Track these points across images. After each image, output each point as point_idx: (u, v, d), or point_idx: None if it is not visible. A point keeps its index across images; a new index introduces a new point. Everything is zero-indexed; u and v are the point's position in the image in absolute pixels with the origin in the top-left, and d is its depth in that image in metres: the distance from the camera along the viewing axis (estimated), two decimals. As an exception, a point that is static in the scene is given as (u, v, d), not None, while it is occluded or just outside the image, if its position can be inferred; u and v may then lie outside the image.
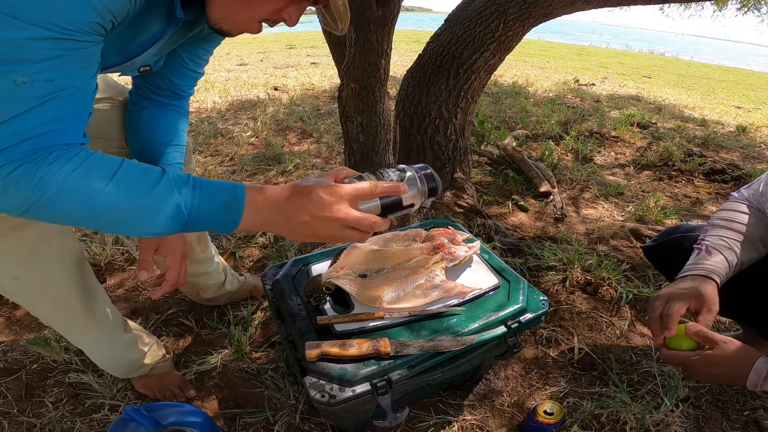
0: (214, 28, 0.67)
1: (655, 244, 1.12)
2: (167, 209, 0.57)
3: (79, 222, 0.55)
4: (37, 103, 0.50)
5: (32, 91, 0.49)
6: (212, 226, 0.61)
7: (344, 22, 0.72)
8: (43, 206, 0.52)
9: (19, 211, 0.52)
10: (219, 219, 0.60)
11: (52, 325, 0.92)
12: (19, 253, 0.76)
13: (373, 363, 0.78)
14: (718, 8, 4.98)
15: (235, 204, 0.60)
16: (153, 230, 0.57)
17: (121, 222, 0.56)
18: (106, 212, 0.54)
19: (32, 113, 0.50)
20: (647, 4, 1.55)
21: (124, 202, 0.55)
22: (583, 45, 14.45)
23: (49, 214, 0.53)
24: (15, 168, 0.50)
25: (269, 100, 3.75)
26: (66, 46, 0.49)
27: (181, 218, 0.58)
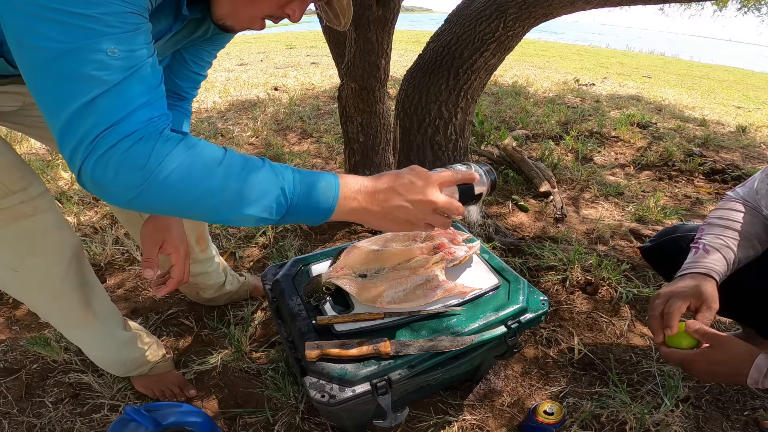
0: (218, 23, 0.67)
1: (652, 244, 1.12)
2: (273, 191, 0.57)
3: (189, 207, 0.54)
4: (130, 72, 0.50)
5: (123, 62, 0.49)
6: (310, 213, 0.61)
7: (347, 17, 0.72)
8: (158, 187, 0.51)
9: (132, 194, 0.51)
10: (316, 205, 0.60)
11: (50, 320, 0.92)
12: (17, 245, 0.76)
13: (373, 363, 0.78)
14: (718, 8, 4.98)
15: (331, 189, 0.61)
16: (258, 214, 0.57)
17: (231, 205, 0.55)
18: (219, 193, 0.54)
19: (130, 82, 0.50)
20: (647, 4, 1.55)
21: (237, 182, 0.55)
22: (583, 45, 14.45)
23: (163, 196, 0.52)
24: (135, 142, 0.49)
25: (269, 100, 3.75)
26: (135, 20, 0.51)
27: (285, 203, 0.58)
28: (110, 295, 1.24)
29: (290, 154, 2.54)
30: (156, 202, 0.52)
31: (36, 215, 0.76)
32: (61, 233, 0.82)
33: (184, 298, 1.39)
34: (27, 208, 0.75)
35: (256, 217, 0.57)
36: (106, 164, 0.49)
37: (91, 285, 0.91)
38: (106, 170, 0.49)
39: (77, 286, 0.86)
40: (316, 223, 0.63)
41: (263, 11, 0.65)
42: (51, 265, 0.81)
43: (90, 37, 0.47)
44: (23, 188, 0.74)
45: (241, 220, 0.57)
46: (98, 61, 0.48)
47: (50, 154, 2.46)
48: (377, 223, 0.67)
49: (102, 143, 0.49)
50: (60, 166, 2.25)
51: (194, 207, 0.54)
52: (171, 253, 0.84)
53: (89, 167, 0.50)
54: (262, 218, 0.58)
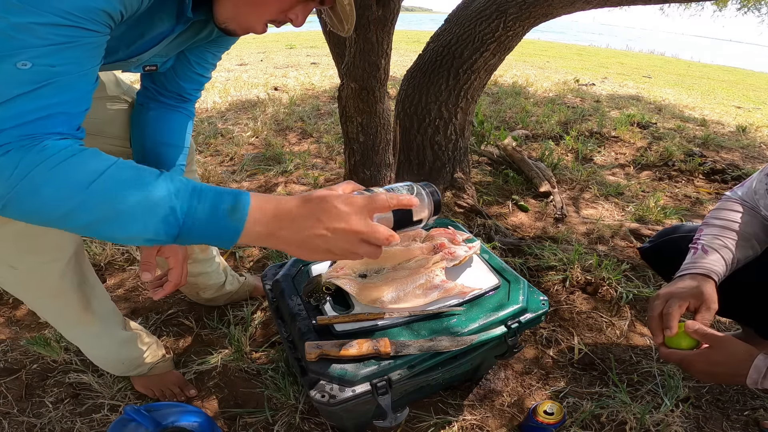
0: (221, 27, 0.67)
1: (651, 245, 1.12)
2: (160, 212, 0.51)
3: (60, 220, 0.51)
4: (34, 87, 0.49)
5: (31, 75, 0.48)
6: (210, 237, 0.55)
7: (350, 22, 0.72)
8: (23, 198, 0.49)
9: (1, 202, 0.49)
10: (218, 228, 0.54)
11: (48, 318, 0.91)
12: (18, 243, 0.76)
13: (373, 363, 0.78)
14: (718, 8, 4.98)
15: (238, 211, 0.54)
16: (142, 234, 0.52)
17: (108, 222, 0.51)
18: (93, 209, 0.50)
19: (28, 97, 0.49)
20: (647, 4, 1.55)
21: (114, 198, 0.50)
22: (583, 45, 14.45)
23: (28, 208, 0.50)
24: (2, 154, 0.48)
25: (269, 100, 3.75)
26: (72, 33, 0.49)
27: (175, 224, 0.52)
28: (110, 295, 1.24)
29: (290, 154, 2.54)
30: (24, 213, 0.50)
31: None
32: (63, 232, 0.82)
33: (184, 298, 1.39)
34: None
35: (142, 238, 0.53)
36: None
37: (91, 284, 0.91)
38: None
39: (76, 284, 0.86)
40: (223, 246, 0.57)
41: (266, 16, 0.65)
42: (50, 263, 0.81)
43: (8, 48, 0.46)
44: None
45: (126, 239, 0.53)
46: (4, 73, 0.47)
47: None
48: (293, 251, 0.59)
49: None
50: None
51: (65, 222, 0.51)
52: (169, 256, 0.84)
53: None
54: (148, 239, 0.53)
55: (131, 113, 0.90)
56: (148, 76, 0.88)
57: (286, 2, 0.64)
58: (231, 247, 0.57)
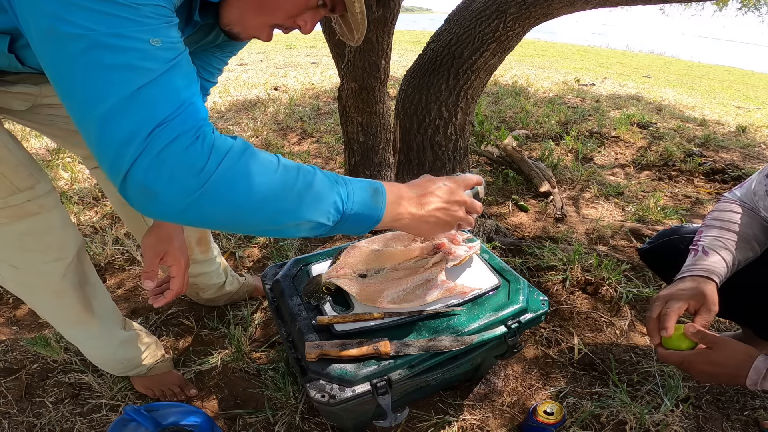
0: (225, 30, 0.67)
1: (650, 246, 1.12)
2: (331, 196, 0.56)
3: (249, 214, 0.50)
4: (173, 64, 0.47)
5: (165, 53, 0.47)
6: (362, 219, 0.60)
7: (360, 32, 0.70)
8: (218, 192, 0.46)
9: (187, 201, 0.46)
10: (369, 211, 0.60)
11: (47, 317, 0.91)
12: (21, 243, 0.76)
13: (373, 363, 0.78)
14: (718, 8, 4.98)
15: (379, 195, 0.61)
16: (317, 219, 0.55)
17: (292, 210, 0.52)
18: (281, 197, 0.51)
19: (175, 73, 0.47)
20: (647, 4, 1.55)
21: (298, 185, 0.53)
22: (583, 45, 14.45)
23: (221, 203, 0.47)
24: (193, 141, 0.45)
25: (269, 100, 3.75)
26: (167, 14, 0.49)
27: (341, 209, 0.57)
28: (110, 295, 1.24)
29: (290, 154, 2.54)
30: (213, 209, 0.48)
31: (41, 213, 0.76)
32: (66, 232, 0.82)
33: (184, 298, 1.39)
34: (33, 206, 0.75)
35: (314, 223, 0.55)
36: (162, 165, 0.44)
37: (92, 283, 0.91)
38: (161, 172, 0.44)
39: (77, 284, 0.86)
40: (363, 231, 0.62)
41: (272, 20, 0.64)
42: (52, 263, 0.81)
43: (129, 26, 0.44)
44: (30, 186, 0.74)
45: (296, 227, 0.54)
46: (140, 49, 0.44)
47: (50, 153, 2.46)
48: (419, 227, 0.68)
49: (157, 140, 0.44)
50: (60, 166, 2.25)
51: (254, 214, 0.50)
52: (172, 264, 0.84)
53: (141, 169, 0.44)
54: (318, 224, 0.55)
55: None
56: None
57: (294, 8, 0.62)
58: (370, 230, 0.63)
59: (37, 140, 2.62)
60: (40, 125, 0.87)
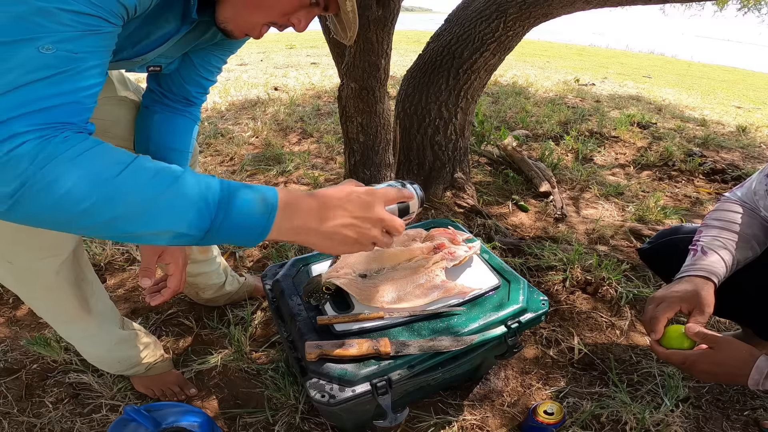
0: (219, 27, 0.67)
1: (650, 246, 1.12)
2: (193, 203, 0.50)
3: (80, 216, 0.47)
4: (54, 72, 0.47)
5: (53, 60, 0.46)
6: (241, 229, 0.53)
7: (353, 30, 0.71)
8: (39, 193, 0.45)
9: (6, 204, 0.45)
10: (248, 223, 0.53)
11: (43, 315, 0.91)
12: (15, 238, 0.76)
13: (373, 363, 0.78)
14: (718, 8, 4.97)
15: (267, 203, 0.54)
16: (174, 228, 0.50)
17: (137, 217, 0.48)
18: (121, 201, 0.47)
19: (48, 82, 0.46)
20: (647, 4, 1.55)
21: (146, 190, 0.48)
22: (583, 45, 14.44)
23: (43, 204, 0.45)
24: (19, 144, 0.44)
25: (269, 100, 3.75)
26: (92, 22, 0.48)
27: (208, 217, 0.50)
28: (110, 295, 1.24)
29: (290, 154, 2.54)
30: (37, 212, 0.46)
31: None
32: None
33: (184, 298, 1.39)
34: None
35: (173, 232, 0.50)
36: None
37: (89, 281, 0.91)
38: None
39: (73, 281, 0.86)
40: (250, 243, 0.55)
41: (266, 18, 0.64)
42: (47, 260, 0.81)
43: (32, 32, 0.44)
44: None
45: (153, 235, 0.50)
46: (25, 56, 0.45)
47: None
48: (321, 243, 0.60)
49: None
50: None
51: (88, 218, 0.47)
52: (170, 262, 0.84)
53: None
54: (179, 233, 0.50)
55: (136, 115, 0.90)
56: (154, 79, 0.88)
57: (287, 6, 0.63)
58: (258, 243, 0.56)
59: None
60: None
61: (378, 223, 0.63)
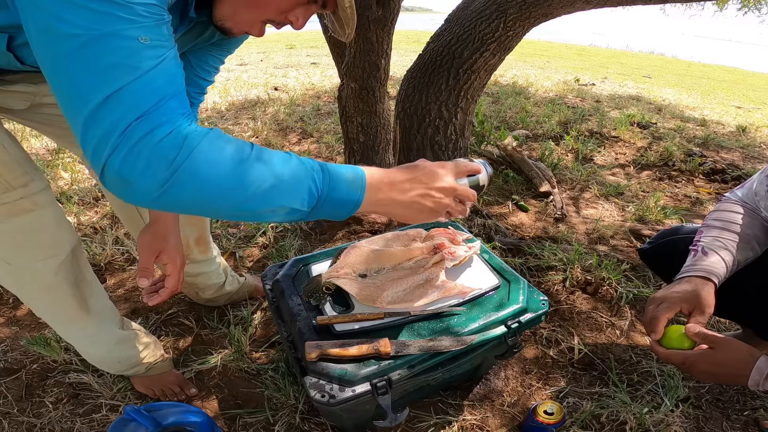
0: (217, 25, 0.67)
1: (650, 246, 1.12)
2: (305, 182, 0.56)
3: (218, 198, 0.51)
4: (160, 60, 0.49)
5: (154, 50, 0.49)
6: (339, 204, 0.60)
7: (351, 27, 0.71)
8: (188, 178, 0.48)
9: (160, 190, 0.48)
10: (346, 195, 0.59)
11: (42, 315, 0.91)
12: (14, 239, 0.76)
13: (373, 363, 0.78)
14: (719, 8, 4.97)
15: (358, 180, 0.61)
16: (291, 204, 0.55)
17: (263, 195, 0.53)
18: (253, 183, 0.52)
19: (161, 71, 0.49)
20: (647, 4, 1.55)
21: (270, 171, 0.53)
22: (583, 45, 14.44)
23: (192, 188, 0.49)
24: (167, 134, 0.47)
25: (269, 100, 3.75)
26: (159, 12, 0.50)
27: (316, 194, 0.57)
28: (110, 296, 1.24)
29: (290, 154, 2.53)
30: (185, 197, 0.50)
31: (35, 211, 0.76)
32: (60, 229, 0.82)
33: (184, 298, 1.39)
34: (27, 203, 0.75)
35: (288, 208, 0.56)
36: (137, 157, 0.47)
37: (88, 281, 0.91)
38: (136, 163, 0.47)
39: (72, 281, 0.86)
40: (343, 216, 0.61)
41: (264, 15, 0.65)
42: (45, 260, 0.81)
43: (120, 24, 0.46)
44: (24, 184, 0.74)
45: (271, 212, 0.55)
46: (129, 48, 0.47)
47: (50, 153, 2.46)
48: (402, 213, 0.67)
49: (133, 134, 0.46)
50: (60, 166, 2.25)
51: (224, 199, 0.52)
52: (167, 263, 0.84)
53: (117, 161, 0.47)
54: (293, 209, 0.56)
55: None
56: None
57: (285, 3, 0.64)
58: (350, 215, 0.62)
59: (37, 140, 2.62)
60: (40, 124, 0.87)
61: (451, 192, 0.69)
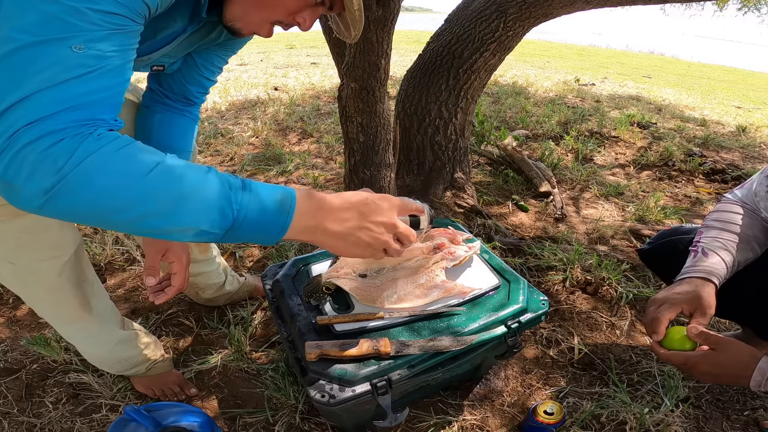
0: (227, 25, 0.68)
1: (650, 247, 1.11)
2: (218, 201, 0.51)
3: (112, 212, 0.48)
4: (86, 71, 0.48)
5: (85, 59, 0.48)
6: (261, 228, 0.55)
7: (357, 29, 0.72)
8: (76, 189, 0.46)
9: (42, 199, 0.46)
10: (267, 221, 0.55)
11: (44, 315, 0.91)
12: (18, 240, 0.76)
13: (373, 363, 0.78)
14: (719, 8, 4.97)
15: (286, 203, 0.56)
16: (198, 225, 0.51)
17: (165, 213, 0.50)
18: (151, 198, 0.49)
19: (81, 80, 0.48)
20: (647, 4, 1.55)
21: (174, 188, 0.50)
22: (583, 45, 14.44)
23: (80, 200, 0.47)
24: (57, 141, 0.45)
25: (269, 100, 3.75)
26: (119, 22, 0.49)
27: (230, 216, 0.52)
28: (110, 296, 1.24)
29: (290, 154, 2.54)
30: (73, 206, 0.47)
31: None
32: (63, 230, 0.82)
33: (184, 298, 1.39)
34: None
35: (197, 230, 0.51)
36: (22, 162, 0.44)
37: (90, 282, 0.91)
38: (20, 169, 0.45)
39: (75, 282, 0.86)
40: (268, 241, 0.57)
41: (273, 16, 0.65)
42: (49, 261, 0.81)
43: (65, 31, 0.45)
44: None
45: (177, 231, 0.51)
46: (59, 55, 0.46)
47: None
48: (334, 244, 0.61)
49: (20, 139, 0.44)
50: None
51: (120, 213, 0.48)
52: (173, 261, 0.84)
53: (2, 164, 0.45)
54: (202, 231, 0.52)
55: (136, 115, 0.90)
56: (155, 78, 0.88)
57: (293, 5, 0.64)
58: (276, 242, 0.57)
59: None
60: None
61: (391, 229, 0.65)
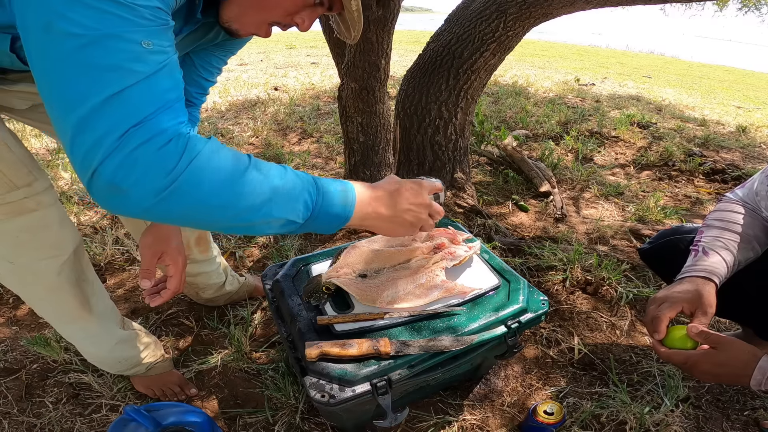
0: (224, 26, 0.68)
1: (650, 246, 1.11)
2: (301, 195, 0.57)
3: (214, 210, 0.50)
4: (160, 66, 0.48)
5: (155, 55, 0.48)
6: (331, 218, 0.61)
7: (357, 29, 0.72)
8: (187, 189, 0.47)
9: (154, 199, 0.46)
10: (337, 209, 0.61)
11: (44, 314, 0.91)
12: (18, 239, 0.76)
13: (373, 363, 0.78)
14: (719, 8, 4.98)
15: (349, 194, 0.63)
16: (287, 216, 0.56)
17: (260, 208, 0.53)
18: (248, 195, 0.52)
19: (161, 76, 0.48)
20: (647, 4, 1.55)
21: (266, 183, 0.54)
22: (583, 45, 14.44)
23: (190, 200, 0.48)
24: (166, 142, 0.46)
25: (269, 100, 3.75)
26: (164, 17, 0.50)
27: (311, 207, 0.58)
28: (110, 295, 1.24)
29: (290, 154, 2.54)
30: (181, 206, 0.49)
31: (39, 210, 0.76)
32: (63, 229, 0.82)
33: (184, 298, 1.39)
34: (30, 203, 0.75)
35: (284, 220, 0.56)
36: (134, 164, 0.45)
37: (89, 281, 0.91)
38: (132, 171, 0.45)
39: (74, 281, 0.86)
40: (332, 229, 0.63)
41: (271, 17, 0.65)
42: (48, 260, 0.81)
43: (125, 26, 0.45)
44: (28, 184, 0.74)
45: (266, 224, 0.55)
46: (130, 51, 0.45)
47: (50, 153, 2.46)
48: (387, 227, 0.70)
49: (131, 139, 0.44)
50: (60, 166, 2.25)
51: (223, 210, 0.51)
52: (169, 264, 0.84)
53: (111, 167, 0.45)
54: (288, 221, 0.57)
55: None
56: None
57: (291, 6, 0.64)
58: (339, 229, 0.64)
59: (38, 140, 2.62)
60: (41, 124, 0.87)
61: (427, 208, 0.74)
